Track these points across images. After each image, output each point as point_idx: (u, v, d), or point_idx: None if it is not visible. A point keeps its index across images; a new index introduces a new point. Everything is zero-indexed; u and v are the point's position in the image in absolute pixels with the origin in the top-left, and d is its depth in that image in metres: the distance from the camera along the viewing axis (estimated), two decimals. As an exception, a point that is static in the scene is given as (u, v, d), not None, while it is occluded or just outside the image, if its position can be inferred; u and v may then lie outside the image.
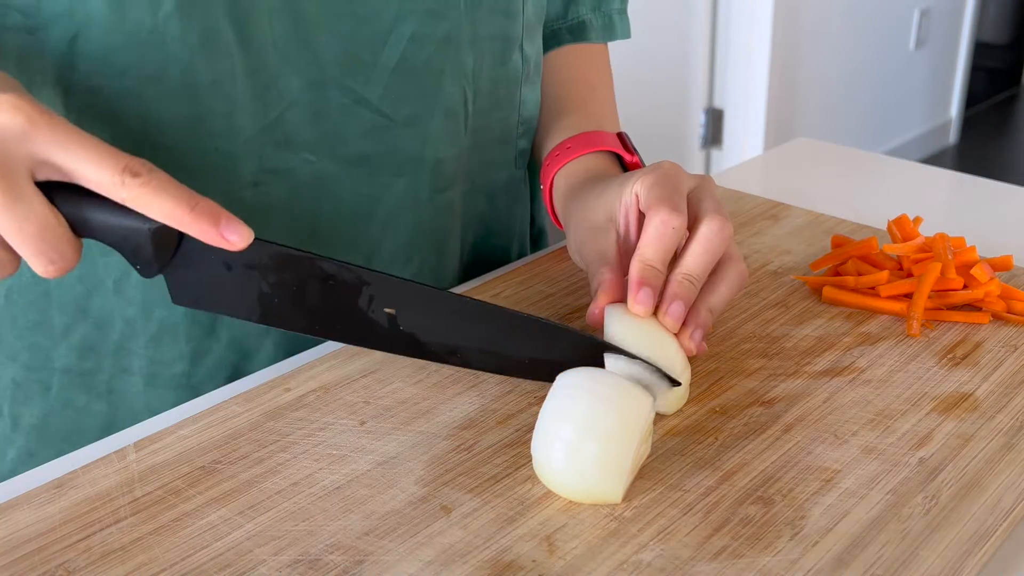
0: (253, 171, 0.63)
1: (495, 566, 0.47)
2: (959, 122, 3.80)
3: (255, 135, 0.62)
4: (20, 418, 0.69)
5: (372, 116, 0.66)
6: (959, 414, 0.58)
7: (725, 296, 0.59)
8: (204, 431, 0.56)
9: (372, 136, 0.66)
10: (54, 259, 0.50)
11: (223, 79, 0.60)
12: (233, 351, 0.68)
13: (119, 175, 0.49)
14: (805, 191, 0.91)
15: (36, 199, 0.49)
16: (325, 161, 0.65)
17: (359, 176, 0.67)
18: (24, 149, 0.49)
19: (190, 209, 0.50)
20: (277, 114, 0.63)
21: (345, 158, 0.66)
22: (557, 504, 0.51)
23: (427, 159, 0.69)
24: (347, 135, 0.66)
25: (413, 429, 0.57)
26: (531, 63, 0.76)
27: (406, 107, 0.67)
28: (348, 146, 0.66)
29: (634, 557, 0.47)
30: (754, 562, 0.47)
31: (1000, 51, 4.50)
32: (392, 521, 0.50)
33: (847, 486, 0.52)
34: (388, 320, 0.57)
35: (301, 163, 0.65)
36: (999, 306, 0.68)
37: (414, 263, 0.73)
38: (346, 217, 0.68)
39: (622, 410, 0.50)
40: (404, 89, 0.66)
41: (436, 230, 0.73)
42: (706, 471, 0.53)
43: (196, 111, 0.60)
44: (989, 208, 0.92)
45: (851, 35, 3.09)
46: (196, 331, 0.67)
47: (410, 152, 0.68)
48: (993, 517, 0.49)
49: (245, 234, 0.51)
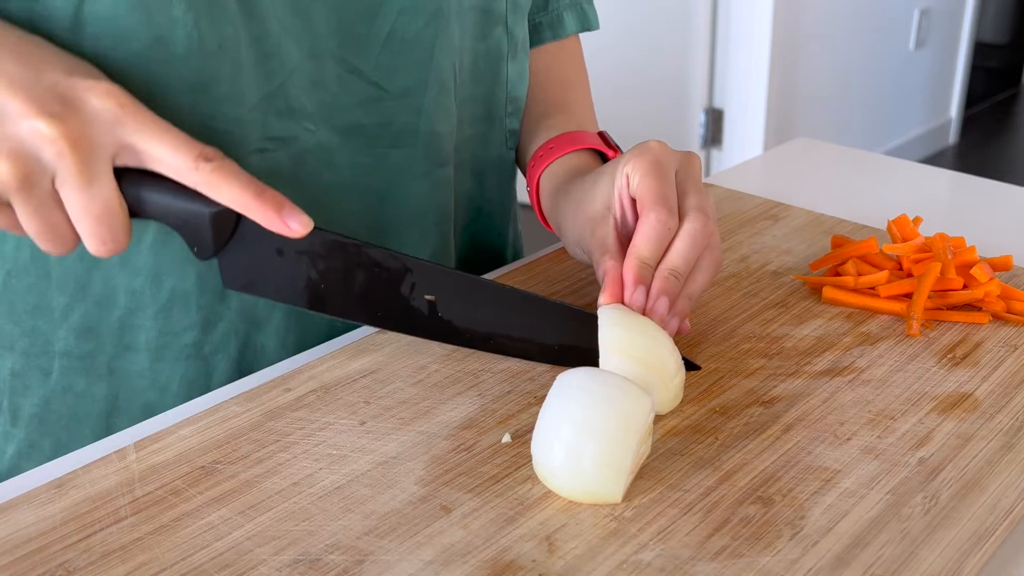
0: (258, 138, 0.64)
1: (495, 566, 0.47)
2: (959, 122, 3.80)
3: (259, 102, 0.63)
4: (20, 410, 0.69)
5: (366, 87, 0.67)
6: (959, 414, 0.58)
7: (703, 283, 0.61)
8: (204, 431, 0.56)
9: (367, 107, 0.67)
10: (107, 240, 0.54)
11: (228, 44, 0.61)
12: (243, 319, 0.68)
13: (194, 160, 0.53)
14: (805, 191, 0.91)
15: (109, 183, 0.53)
16: (324, 130, 0.66)
17: (356, 146, 0.68)
18: (113, 134, 0.53)
19: (256, 195, 0.54)
20: (279, 82, 0.64)
21: (342, 128, 0.67)
22: (557, 504, 0.51)
23: (422, 132, 0.70)
24: (343, 105, 0.66)
25: (413, 429, 0.57)
26: (517, 41, 0.77)
27: (399, 79, 0.68)
28: (345, 116, 0.67)
29: (634, 557, 0.47)
30: (754, 562, 0.47)
31: (1000, 51, 4.50)
32: (392, 521, 0.50)
33: (847, 486, 0.52)
34: (428, 307, 0.61)
35: (302, 132, 0.66)
36: (999, 306, 0.68)
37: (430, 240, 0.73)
38: (347, 187, 0.69)
39: (622, 410, 0.50)
40: (396, 61, 0.67)
41: (436, 208, 0.73)
42: (706, 471, 0.53)
43: (202, 76, 0.61)
44: (989, 208, 0.92)
45: (851, 35, 3.09)
46: (207, 298, 0.67)
47: (405, 124, 0.69)
48: (993, 517, 0.49)
49: (305, 222, 0.55)
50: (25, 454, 0.70)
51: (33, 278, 0.65)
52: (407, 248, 0.72)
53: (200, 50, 0.60)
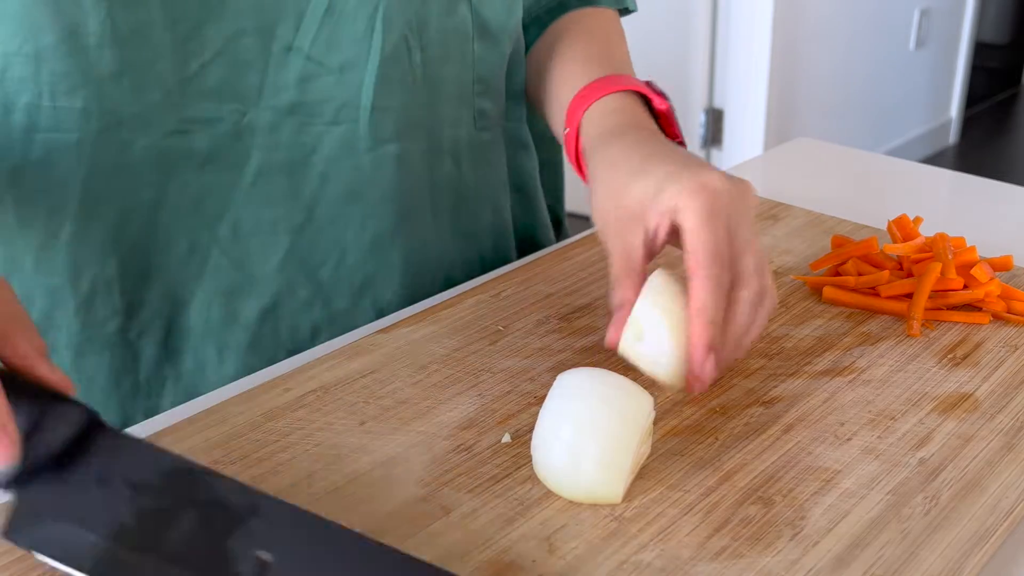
0: (174, 120, 0.64)
1: (495, 566, 0.47)
2: (959, 122, 3.80)
3: (176, 85, 0.63)
4: None
5: (303, 63, 0.66)
6: (959, 414, 0.58)
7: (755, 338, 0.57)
8: (204, 431, 0.56)
9: (303, 84, 0.67)
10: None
11: (143, 30, 0.61)
12: (167, 300, 0.68)
13: None
14: (805, 191, 0.91)
15: None
16: (255, 111, 0.66)
17: (292, 125, 0.67)
18: None
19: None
20: (199, 64, 0.63)
21: (275, 107, 0.66)
22: (557, 504, 0.51)
23: (363, 106, 0.69)
24: (278, 84, 0.66)
25: (413, 429, 0.57)
26: (486, 20, 0.74)
27: (337, 54, 0.67)
28: (279, 95, 0.66)
29: (634, 557, 0.47)
30: (754, 562, 0.47)
31: (1000, 51, 4.49)
32: (392, 521, 0.49)
33: (847, 486, 0.52)
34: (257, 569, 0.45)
35: (228, 113, 0.65)
36: (999, 306, 0.68)
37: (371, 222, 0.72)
38: (282, 167, 0.68)
39: (622, 410, 0.50)
40: (334, 35, 0.66)
41: (381, 184, 0.72)
42: (706, 471, 0.53)
43: (115, 66, 0.61)
44: (989, 208, 0.92)
45: (851, 35, 3.09)
46: (130, 282, 0.66)
47: (343, 99, 0.68)
48: (993, 517, 0.49)
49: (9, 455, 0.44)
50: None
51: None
52: (349, 233, 0.71)
53: (113, 38, 0.60)
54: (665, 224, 0.57)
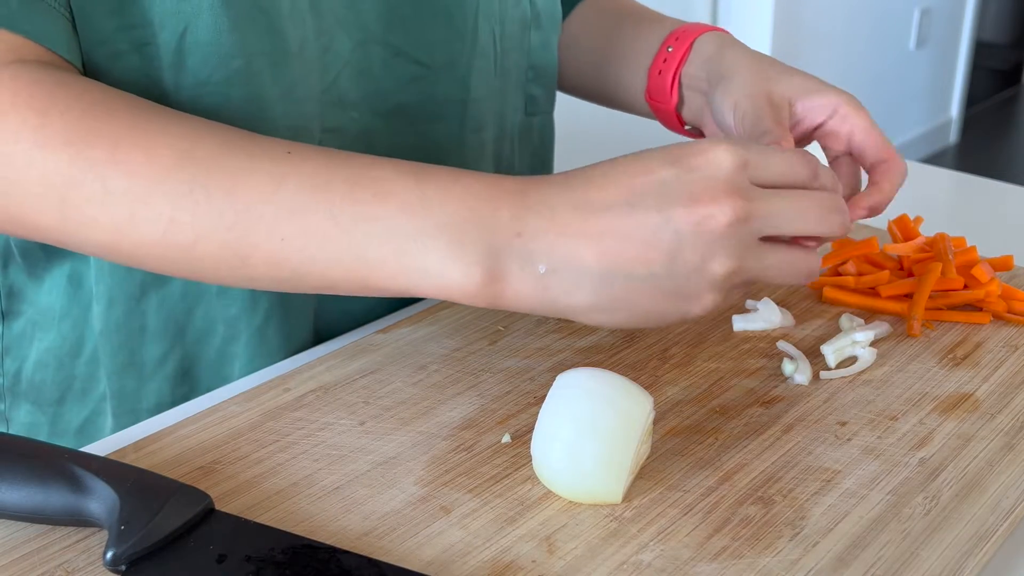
0: (318, 130, 0.65)
1: (495, 566, 0.47)
2: (959, 122, 3.80)
3: (318, 95, 0.64)
4: None
5: (410, 67, 0.68)
6: (959, 414, 0.58)
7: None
8: (204, 431, 0.56)
9: (410, 87, 0.68)
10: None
11: (305, 44, 0.62)
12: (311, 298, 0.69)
13: None
14: (805, 191, 0.91)
15: None
16: (367, 117, 0.67)
17: (397, 127, 0.69)
18: None
19: None
20: (334, 75, 0.65)
21: (383, 112, 0.68)
22: (557, 504, 0.51)
23: (463, 100, 0.71)
24: (387, 89, 0.68)
25: (413, 429, 0.57)
26: (538, 8, 0.78)
27: (442, 53, 0.69)
28: (387, 100, 0.68)
29: (634, 557, 0.47)
30: (754, 563, 0.47)
31: (1000, 51, 4.50)
32: (392, 521, 0.49)
33: (847, 486, 0.52)
34: None
35: (348, 121, 0.66)
36: (1000, 306, 0.68)
37: None
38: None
39: (622, 410, 0.50)
40: (440, 35, 0.68)
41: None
42: (706, 471, 0.53)
43: (289, 80, 0.61)
44: (989, 208, 0.92)
45: (851, 35, 3.09)
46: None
47: (447, 96, 0.70)
48: (993, 517, 0.49)
49: None
50: None
51: (124, 336, 0.65)
52: None
53: (286, 53, 0.60)
54: (820, 117, 0.66)
